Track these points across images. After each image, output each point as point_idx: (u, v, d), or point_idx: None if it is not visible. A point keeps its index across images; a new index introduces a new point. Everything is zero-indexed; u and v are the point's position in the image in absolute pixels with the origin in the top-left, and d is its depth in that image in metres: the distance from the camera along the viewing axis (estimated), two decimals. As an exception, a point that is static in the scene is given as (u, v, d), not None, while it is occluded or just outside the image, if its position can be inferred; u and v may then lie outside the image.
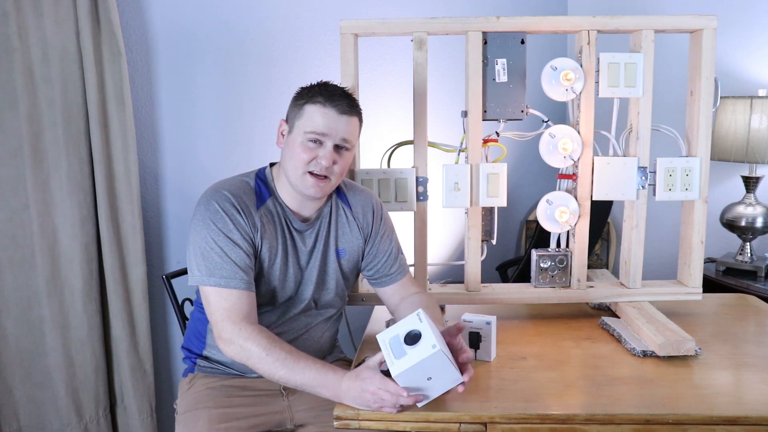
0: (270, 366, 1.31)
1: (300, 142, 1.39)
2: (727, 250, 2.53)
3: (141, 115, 2.17)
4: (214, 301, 1.37)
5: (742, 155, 2.24)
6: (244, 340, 1.33)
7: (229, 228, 1.38)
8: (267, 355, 1.31)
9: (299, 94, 1.44)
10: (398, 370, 1.20)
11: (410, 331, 1.23)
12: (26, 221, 1.93)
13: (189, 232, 1.41)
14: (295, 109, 1.42)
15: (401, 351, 1.22)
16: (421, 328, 1.23)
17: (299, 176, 1.41)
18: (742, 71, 2.46)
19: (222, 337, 1.36)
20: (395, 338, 1.24)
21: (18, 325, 1.97)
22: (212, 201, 1.40)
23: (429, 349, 1.19)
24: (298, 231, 1.48)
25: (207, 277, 1.37)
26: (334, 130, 1.39)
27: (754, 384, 1.36)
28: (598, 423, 1.24)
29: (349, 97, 1.43)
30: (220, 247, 1.37)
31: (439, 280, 1.90)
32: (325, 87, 1.42)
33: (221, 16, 2.23)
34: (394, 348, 1.23)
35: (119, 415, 2.17)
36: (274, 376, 1.32)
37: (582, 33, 1.68)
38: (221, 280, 1.36)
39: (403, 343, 1.22)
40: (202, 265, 1.38)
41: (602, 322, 1.72)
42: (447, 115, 2.29)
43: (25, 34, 1.86)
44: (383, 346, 1.25)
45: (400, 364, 1.20)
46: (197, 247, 1.39)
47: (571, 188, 1.76)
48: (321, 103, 1.39)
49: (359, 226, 1.56)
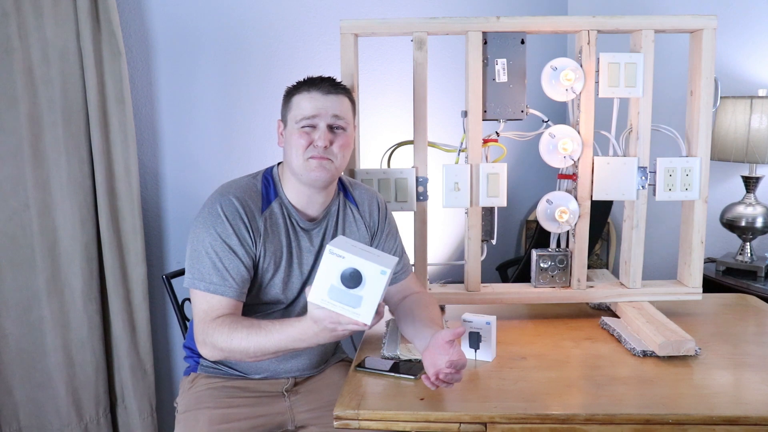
0: (239, 344, 1.30)
1: (295, 131, 1.41)
2: (727, 250, 2.53)
3: (141, 115, 2.17)
4: (197, 304, 1.38)
5: (742, 155, 2.24)
6: (210, 335, 1.33)
7: (228, 233, 1.38)
8: (231, 338, 1.30)
9: (286, 92, 1.47)
10: (368, 317, 1.10)
11: (344, 272, 1.10)
12: (26, 221, 1.93)
13: (190, 231, 1.41)
14: (286, 105, 1.45)
15: (354, 298, 1.10)
16: (351, 263, 1.09)
17: (302, 165, 1.41)
18: (742, 71, 2.46)
19: (197, 340, 1.36)
20: (333, 289, 1.11)
21: (18, 325, 1.97)
22: (216, 205, 1.40)
23: (380, 276, 1.08)
24: (305, 230, 1.48)
25: (198, 281, 1.37)
26: (322, 109, 1.40)
27: (754, 384, 1.36)
28: (598, 423, 1.24)
29: (331, 79, 1.45)
30: (215, 252, 1.37)
31: (439, 280, 1.90)
32: (308, 77, 1.45)
33: (221, 16, 2.23)
34: (343, 299, 1.10)
35: (119, 414, 2.17)
36: (248, 351, 1.30)
37: (582, 33, 1.68)
38: (210, 286, 1.36)
39: (347, 290, 1.10)
40: (195, 268, 1.38)
41: (602, 322, 1.72)
42: (447, 115, 2.29)
43: (25, 34, 1.86)
44: (329, 306, 1.12)
45: (366, 310, 1.10)
46: (193, 249, 1.39)
47: (571, 188, 1.76)
48: (306, 90, 1.41)
49: (366, 223, 1.56)
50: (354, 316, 1.12)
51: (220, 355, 1.35)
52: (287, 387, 1.54)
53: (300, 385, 1.57)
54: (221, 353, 1.34)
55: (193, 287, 1.38)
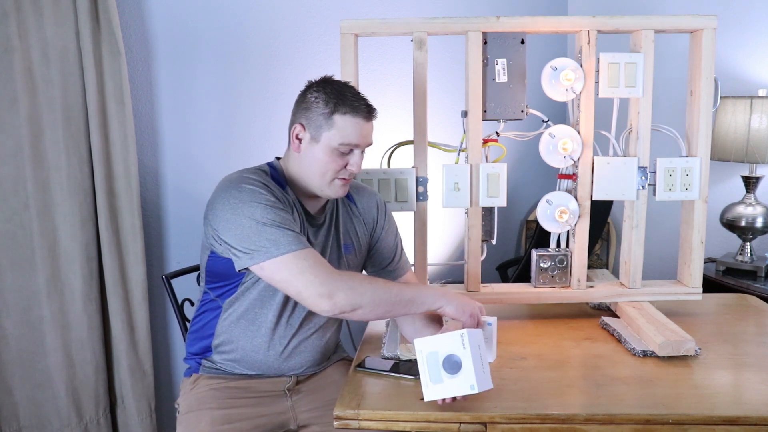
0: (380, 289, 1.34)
1: (330, 151, 1.40)
2: (727, 250, 2.53)
3: (141, 115, 2.17)
4: (292, 266, 1.30)
5: (742, 155, 2.24)
6: (348, 280, 1.32)
7: (273, 200, 1.35)
8: (370, 283, 1.34)
9: (319, 100, 1.40)
10: (430, 396, 1.21)
11: (451, 356, 1.20)
12: (26, 221, 1.93)
13: (221, 223, 1.35)
14: (321, 119, 1.39)
15: (438, 375, 1.20)
16: (463, 357, 1.19)
17: (327, 182, 1.42)
18: (742, 71, 2.46)
19: (322, 293, 1.29)
20: (433, 356, 1.21)
21: (18, 326, 1.97)
22: (242, 185, 1.36)
23: (467, 388, 1.19)
24: (310, 225, 1.49)
25: (274, 249, 1.30)
26: (364, 138, 1.42)
27: (754, 384, 1.36)
28: (598, 423, 1.24)
29: (366, 100, 1.44)
30: (271, 219, 1.32)
31: (439, 280, 1.90)
32: (344, 93, 1.40)
33: (221, 16, 2.23)
34: (431, 367, 1.21)
35: (119, 415, 2.17)
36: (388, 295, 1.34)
37: (582, 33, 1.68)
38: (291, 246, 1.30)
39: (441, 367, 1.20)
40: (261, 242, 1.31)
41: (602, 322, 1.72)
42: (447, 115, 2.29)
43: (25, 34, 1.86)
44: (420, 357, 1.22)
45: (434, 391, 1.20)
46: (244, 231, 1.32)
47: (571, 188, 1.76)
48: (351, 114, 1.39)
49: (364, 221, 1.57)
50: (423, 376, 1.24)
51: (351, 299, 1.30)
52: (289, 386, 1.54)
53: (302, 383, 1.57)
54: (362, 296, 1.31)
55: (271, 257, 1.30)
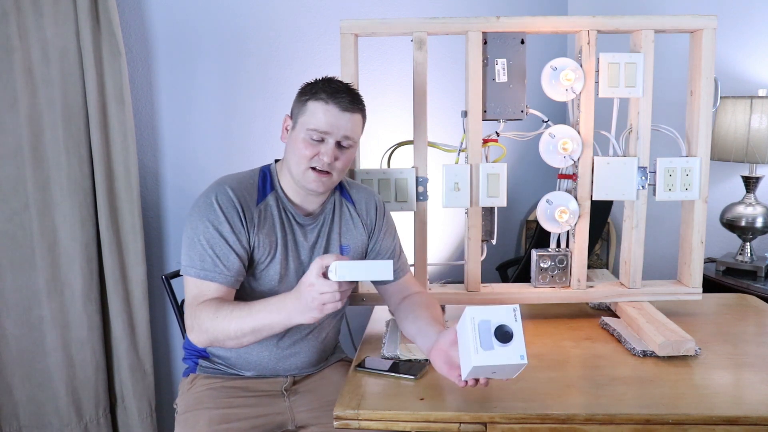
0: (222, 323, 1.31)
1: (302, 138, 1.40)
2: (727, 250, 2.53)
3: (141, 115, 2.17)
4: (189, 290, 1.40)
5: (742, 155, 2.24)
6: (197, 317, 1.34)
7: (220, 221, 1.39)
8: (216, 316, 1.32)
9: (303, 90, 1.44)
10: (477, 362, 1.16)
11: (503, 326, 1.18)
12: (26, 221, 1.93)
13: (185, 220, 1.43)
14: (299, 105, 1.43)
15: (489, 342, 1.17)
16: (515, 330, 1.18)
17: (301, 171, 1.41)
18: (742, 71, 2.46)
19: (186, 325, 1.38)
20: (485, 324, 1.18)
21: (18, 325, 1.97)
22: (212, 194, 1.42)
23: (517, 358, 1.16)
24: (300, 225, 1.49)
25: (189, 267, 1.40)
26: (335, 127, 1.39)
27: (754, 384, 1.36)
28: (598, 423, 1.24)
29: (352, 93, 1.42)
30: (207, 240, 1.39)
31: (439, 280, 1.90)
32: (329, 83, 1.42)
33: (221, 16, 2.23)
34: (482, 334, 1.17)
35: (119, 415, 2.17)
36: (230, 330, 1.30)
37: (582, 33, 1.68)
38: (201, 272, 1.38)
39: (493, 335, 1.17)
40: (188, 255, 1.40)
41: (602, 322, 1.72)
42: (447, 115, 2.29)
43: (25, 34, 1.86)
44: (470, 324, 1.18)
45: (483, 357, 1.15)
46: (187, 237, 1.41)
47: (571, 188, 1.76)
48: (324, 100, 1.39)
49: (363, 222, 1.56)
50: (472, 343, 1.18)
51: (205, 338, 1.35)
52: (286, 386, 1.54)
53: (299, 384, 1.57)
54: (206, 335, 1.34)
55: (185, 273, 1.41)
